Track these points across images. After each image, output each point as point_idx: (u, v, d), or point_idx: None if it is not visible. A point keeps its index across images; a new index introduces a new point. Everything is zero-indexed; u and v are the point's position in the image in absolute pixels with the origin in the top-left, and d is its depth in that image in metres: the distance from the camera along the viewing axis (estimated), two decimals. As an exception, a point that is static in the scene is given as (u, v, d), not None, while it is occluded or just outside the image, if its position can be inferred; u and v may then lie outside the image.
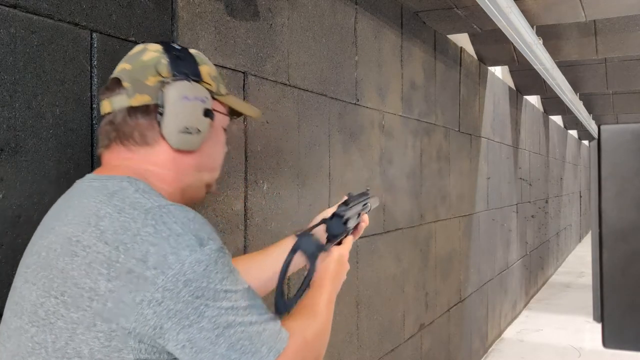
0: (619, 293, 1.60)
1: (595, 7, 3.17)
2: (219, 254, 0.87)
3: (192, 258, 0.83)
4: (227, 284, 0.86)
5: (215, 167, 1.07)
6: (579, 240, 12.06)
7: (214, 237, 0.88)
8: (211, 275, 0.85)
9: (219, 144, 1.06)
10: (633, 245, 1.59)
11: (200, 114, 0.99)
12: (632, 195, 1.59)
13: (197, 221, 0.88)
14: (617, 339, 1.66)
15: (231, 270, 0.89)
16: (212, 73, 1.04)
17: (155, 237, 0.83)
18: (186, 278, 0.82)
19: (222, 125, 1.07)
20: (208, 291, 0.84)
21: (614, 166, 1.59)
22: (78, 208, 0.90)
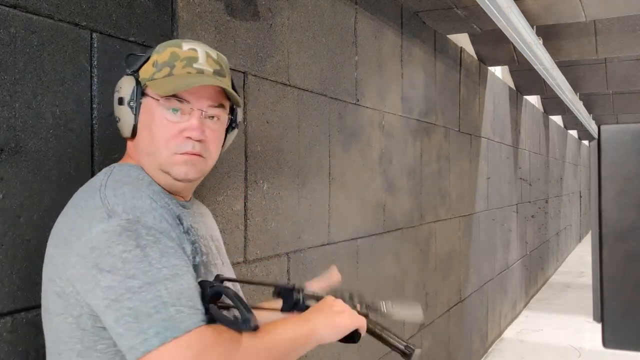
0: (619, 293, 1.60)
1: (595, 7, 3.17)
2: (126, 226, 0.89)
3: (99, 227, 0.90)
4: (128, 257, 0.87)
5: (155, 151, 1.04)
6: (579, 240, 12.06)
7: (132, 212, 0.92)
8: (112, 245, 0.88)
9: (155, 126, 1.04)
10: (633, 245, 1.59)
11: (116, 103, 1.07)
12: (632, 195, 1.59)
13: (121, 197, 0.95)
14: (617, 339, 1.66)
15: (139, 245, 0.88)
16: (159, 59, 1.06)
17: (84, 210, 0.94)
18: (92, 245, 0.89)
19: (160, 108, 1.03)
20: (107, 260, 0.87)
21: (614, 166, 1.59)
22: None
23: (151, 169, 1.06)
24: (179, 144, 1.03)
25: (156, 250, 0.89)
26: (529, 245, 6.63)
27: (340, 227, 2.42)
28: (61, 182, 1.22)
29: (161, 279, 0.87)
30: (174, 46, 1.08)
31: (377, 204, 2.78)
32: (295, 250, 2.10)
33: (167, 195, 1.05)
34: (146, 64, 1.07)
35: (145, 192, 0.99)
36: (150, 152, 1.05)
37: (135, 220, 0.91)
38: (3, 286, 1.11)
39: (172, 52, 1.06)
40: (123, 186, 0.97)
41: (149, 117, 1.05)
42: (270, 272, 1.96)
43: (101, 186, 0.97)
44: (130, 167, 1.05)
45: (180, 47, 1.07)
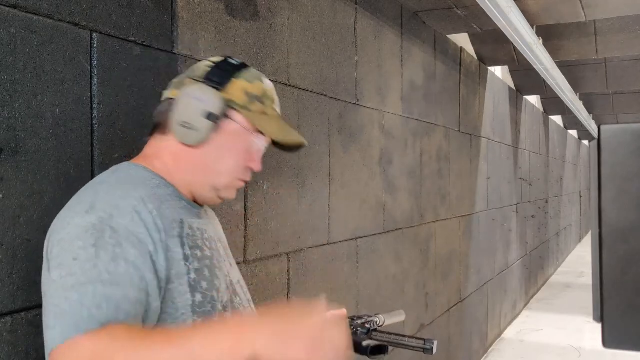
0: (619, 293, 1.60)
1: (595, 7, 3.17)
2: (95, 224, 0.90)
3: (74, 221, 0.92)
4: (81, 254, 0.87)
5: (221, 172, 1.08)
6: (579, 240, 12.06)
7: (109, 211, 0.92)
8: (74, 241, 0.89)
9: (229, 151, 1.08)
10: (633, 245, 1.58)
11: (199, 114, 1.04)
12: (632, 195, 1.59)
13: (111, 195, 0.95)
14: (617, 339, 1.66)
15: (96, 245, 0.88)
16: (251, 90, 1.08)
17: (72, 203, 0.97)
18: (60, 237, 0.91)
19: (244, 139, 1.08)
20: (64, 255, 0.89)
21: (614, 166, 1.58)
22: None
23: (202, 182, 1.08)
24: (244, 173, 1.11)
25: (109, 254, 0.88)
26: (529, 245, 6.63)
27: (340, 227, 2.42)
28: (61, 182, 1.22)
29: (94, 280, 0.85)
30: (259, 79, 1.11)
31: (377, 204, 2.78)
32: (295, 250, 2.10)
33: (181, 199, 1.06)
34: (234, 86, 1.07)
35: (140, 193, 0.98)
36: (212, 170, 1.08)
37: (107, 218, 0.91)
38: (3, 286, 1.11)
39: (261, 87, 1.10)
40: (122, 185, 0.98)
41: (229, 140, 1.07)
42: (270, 272, 1.96)
43: (100, 183, 0.99)
44: (138, 168, 1.05)
45: (262, 81, 1.11)
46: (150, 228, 0.95)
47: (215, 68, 1.08)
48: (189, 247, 1.00)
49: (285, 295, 2.04)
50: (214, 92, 1.06)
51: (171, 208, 1.02)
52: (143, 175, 1.04)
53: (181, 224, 1.01)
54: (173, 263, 0.96)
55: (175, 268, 0.96)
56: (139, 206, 0.96)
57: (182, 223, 1.02)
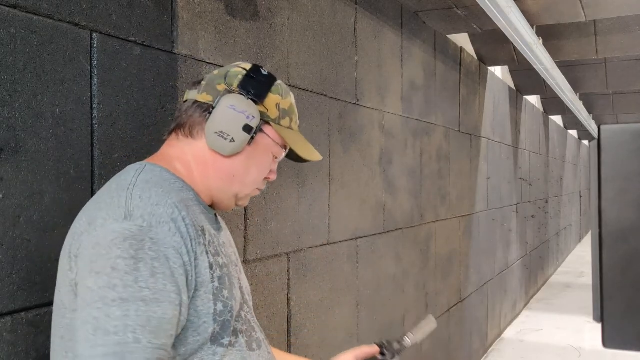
0: (619, 293, 1.60)
1: (595, 7, 3.17)
2: (135, 233, 0.87)
3: (110, 226, 0.89)
4: (120, 264, 0.85)
5: (246, 182, 1.11)
6: (579, 240, 12.05)
7: (147, 220, 0.90)
8: (112, 248, 0.87)
9: (257, 164, 1.11)
10: (633, 245, 1.58)
11: (238, 126, 1.06)
12: (632, 195, 1.59)
13: (146, 200, 0.92)
14: (617, 339, 1.66)
15: (136, 256, 0.86)
16: (282, 105, 1.11)
17: (107, 206, 0.93)
18: (97, 241, 0.88)
19: (271, 152, 1.12)
20: (101, 261, 0.86)
21: (614, 166, 1.58)
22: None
23: (224, 189, 1.09)
24: (262, 184, 1.15)
25: (149, 268, 0.87)
26: (529, 245, 6.63)
27: (340, 227, 2.42)
28: (61, 182, 1.22)
29: (137, 298, 0.85)
30: (289, 93, 1.14)
31: (377, 204, 2.78)
32: (295, 250, 2.10)
33: (200, 204, 1.06)
34: (269, 100, 1.10)
35: (173, 199, 0.96)
36: (239, 180, 1.09)
37: (147, 229, 0.89)
38: (3, 286, 1.11)
39: (290, 102, 1.14)
40: (152, 188, 0.96)
41: (258, 152, 1.10)
42: (270, 272, 1.96)
43: (130, 185, 0.96)
44: (162, 170, 1.03)
45: (290, 96, 1.15)
46: (185, 237, 0.94)
47: (250, 78, 1.09)
48: (212, 255, 1.00)
49: (286, 295, 2.04)
50: (253, 106, 1.07)
51: (195, 213, 1.01)
52: (167, 178, 1.02)
53: (203, 231, 1.00)
54: (200, 271, 0.96)
55: (202, 276, 0.96)
56: (174, 213, 0.94)
57: (204, 230, 1.01)
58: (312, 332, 2.20)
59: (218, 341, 0.98)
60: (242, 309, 1.07)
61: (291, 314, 2.07)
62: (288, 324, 2.06)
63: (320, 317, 2.26)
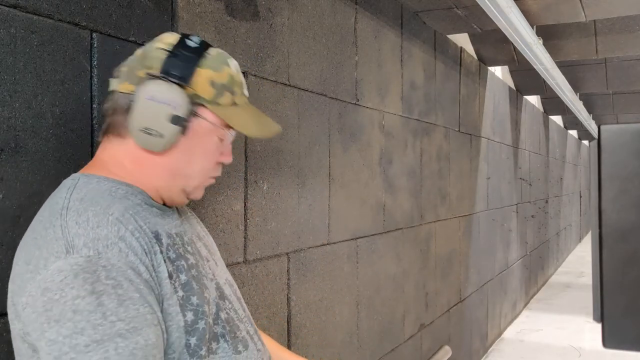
0: (619, 293, 1.60)
1: (595, 7, 3.17)
2: (84, 266, 0.77)
3: (55, 265, 0.78)
4: (80, 304, 0.75)
5: (192, 175, 0.98)
6: (579, 240, 12.05)
7: (93, 246, 0.79)
8: (65, 289, 0.76)
9: (200, 152, 0.97)
10: (633, 245, 1.59)
11: (164, 119, 0.92)
12: (632, 195, 1.59)
13: (84, 225, 0.81)
14: (617, 339, 1.66)
15: (94, 291, 0.76)
16: (218, 79, 0.95)
17: (43, 241, 0.81)
18: (45, 286, 0.77)
19: (215, 135, 0.98)
20: (57, 307, 0.75)
21: (614, 166, 1.59)
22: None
23: (170, 186, 0.97)
24: (215, 170, 1.01)
25: (114, 298, 0.77)
26: (529, 245, 6.63)
27: (340, 227, 2.42)
28: (61, 182, 1.22)
29: (113, 335, 0.75)
30: (224, 63, 0.98)
31: (377, 204, 2.78)
32: (295, 250, 2.10)
33: (152, 206, 0.95)
34: (199, 78, 0.94)
35: (115, 214, 0.86)
36: (182, 175, 0.97)
37: (96, 257, 0.78)
38: (3, 286, 1.11)
39: (228, 73, 0.97)
40: (87, 209, 0.84)
41: (197, 140, 0.96)
42: (270, 272, 1.96)
43: (62, 209, 0.84)
44: (99, 180, 0.92)
45: (228, 65, 0.98)
46: (139, 253, 0.85)
47: (174, 57, 0.93)
48: (170, 262, 0.90)
49: (285, 295, 2.04)
50: (178, 91, 0.92)
51: (144, 219, 0.91)
52: (106, 188, 0.91)
53: (158, 237, 0.91)
54: (161, 283, 0.87)
55: (164, 288, 0.87)
56: (120, 230, 0.84)
57: (159, 235, 0.91)
58: (312, 332, 2.20)
59: (197, 353, 0.90)
60: (221, 309, 0.98)
61: (291, 314, 2.07)
62: (288, 324, 2.06)
63: (320, 317, 2.26)
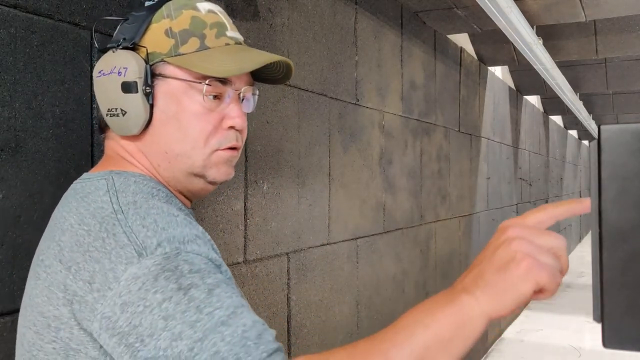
0: (619, 293, 1.60)
1: (595, 7, 3.17)
2: (164, 265, 0.66)
3: (127, 274, 0.66)
4: (169, 308, 0.63)
5: (187, 152, 0.82)
6: (579, 240, 12.05)
7: (169, 244, 0.68)
8: (147, 296, 0.64)
9: (185, 120, 0.81)
10: (633, 245, 1.59)
11: (116, 91, 0.80)
12: (632, 195, 1.59)
13: (152, 226, 0.70)
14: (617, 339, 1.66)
15: (181, 287, 0.65)
16: (176, 27, 0.81)
17: (101, 252, 0.68)
18: (122, 301, 0.65)
19: (194, 91, 0.81)
20: (145, 320, 0.64)
21: (614, 166, 1.58)
22: (53, 219, 0.80)
23: (176, 174, 0.83)
24: (220, 138, 0.82)
25: (203, 289, 0.65)
26: (529, 245, 6.62)
27: (340, 227, 2.42)
28: (61, 182, 1.22)
29: (214, 326, 0.63)
30: (185, 6, 0.83)
31: (377, 204, 2.78)
32: (295, 250, 2.10)
33: (185, 210, 0.84)
34: (151, 34, 0.81)
35: (180, 216, 0.73)
36: (181, 151, 0.82)
37: (174, 253, 0.67)
38: (3, 286, 1.11)
39: (193, 16, 0.82)
40: (149, 212, 0.72)
41: (174, 105, 0.81)
42: (270, 272, 1.96)
43: (117, 214, 0.72)
44: (136, 180, 0.79)
45: (196, 9, 0.84)
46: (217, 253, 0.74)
47: (125, 22, 0.82)
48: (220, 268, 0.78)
49: (285, 295, 2.04)
50: (125, 55, 0.80)
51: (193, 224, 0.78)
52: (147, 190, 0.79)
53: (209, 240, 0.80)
54: None
55: None
56: (193, 230, 0.73)
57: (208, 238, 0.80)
58: (312, 332, 2.20)
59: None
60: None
61: (291, 314, 2.07)
62: (288, 323, 2.06)
63: (320, 317, 2.26)
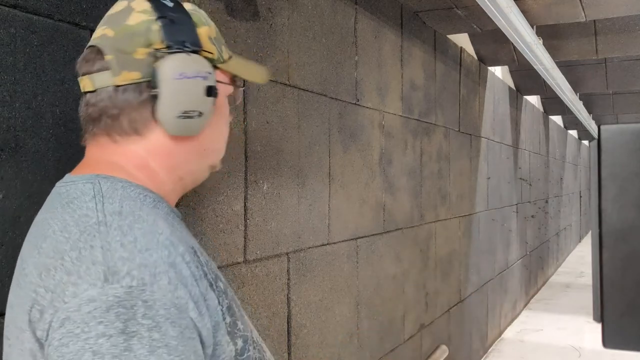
0: (619, 293, 1.60)
1: (595, 7, 3.17)
2: (122, 299, 0.63)
3: (85, 294, 0.64)
4: (104, 346, 0.61)
5: (220, 148, 0.90)
6: (579, 240, 12.05)
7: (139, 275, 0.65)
8: (90, 322, 0.62)
9: (222, 121, 0.89)
10: (633, 245, 1.59)
11: (202, 94, 0.81)
12: (632, 195, 1.59)
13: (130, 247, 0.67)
14: (617, 339, 1.66)
15: (125, 331, 0.62)
16: (212, 35, 0.86)
17: (74, 265, 0.66)
18: (65, 316, 0.63)
19: (227, 96, 0.89)
20: (74, 343, 0.61)
21: (614, 166, 1.59)
22: (36, 225, 0.77)
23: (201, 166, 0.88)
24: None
25: (145, 344, 0.63)
26: (529, 245, 6.63)
27: (340, 227, 2.42)
28: (61, 182, 1.22)
29: None
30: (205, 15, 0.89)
31: (377, 204, 2.78)
32: (295, 250, 2.10)
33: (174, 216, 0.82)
34: (203, 39, 0.84)
35: (164, 234, 0.72)
36: (214, 149, 0.88)
37: (138, 289, 0.65)
38: (3, 286, 1.11)
39: (213, 24, 0.88)
40: (133, 226, 0.70)
41: (222, 108, 0.88)
42: (270, 272, 1.96)
43: (99, 225, 0.69)
44: (124, 185, 0.77)
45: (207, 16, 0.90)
46: (188, 283, 0.70)
47: (170, 24, 0.80)
48: (215, 285, 0.77)
49: (285, 295, 2.04)
50: (200, 59, 0.82)
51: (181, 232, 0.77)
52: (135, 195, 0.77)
53: (196, 254, 0.76)
54: (212, 314, 0.73)
55: (216, 317, 0.74)
56: (172, 255, 0.70)
57: (196, 252, 0.77)
58: (312, 332, 2.20)
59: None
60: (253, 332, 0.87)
61: (291, 314, 2.07)
62: (288, 324, 2.06)
63: (320, 317, 2.26)
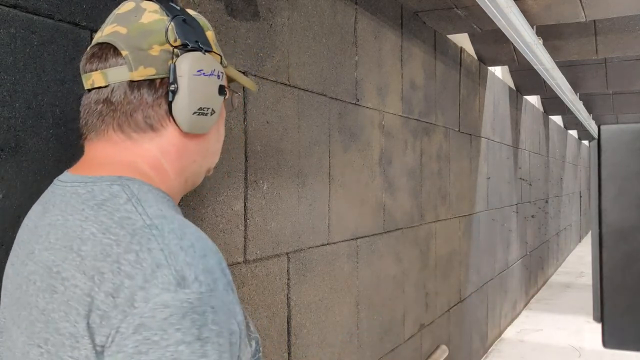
0: (619, 293, 1.60)
1: (595, 7, 3.17)
2: (195, 306, 0.64)
3: (159, 299, 0.63)
4: (185, 352, 0.62)
5: (219, 150, 0.91)
6: (579, 240, 12.05)
7: (205, 281, 0.66)
8: (169, 329, 0.62)
9: (221, 124, 0.91)
10: (633, 245, 1.59)
11: (216, 92, 0.83)
12: (632, 195, 1.60)
13: (190, 251, 0.67)
14: (617, 339, 1.66)
15: (200, 337, 0.63)
16: (215, 40, 0.88)
17: (134, 268, 0.65)
18: (140, 322, 0.63)
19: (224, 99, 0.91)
20: (154, 351, 0.62)
21: (614, 166, 1.59)
22: (62, 228, 0.73)
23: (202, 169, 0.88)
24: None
25: (216, 349, 0.64)
26: (529, 245, 6.63)
27: (340, 227, 2.42)
28: (61, 182, 1.22)
29: None
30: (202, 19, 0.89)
31: (377, 204, 2.78)
32: (295, 250, 2.10)
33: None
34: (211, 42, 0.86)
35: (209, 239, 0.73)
36: (214, 151, 0.90)
37: (207, 295, 0.65)
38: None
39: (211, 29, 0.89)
40: (184, 230, 0.69)
41: (224, 108, 0.91)
42: (270, 272, 1.96)
43: (151, 228, 0.68)
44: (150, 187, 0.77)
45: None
46: (233, 288, 0.71)
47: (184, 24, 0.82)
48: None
49: (285, 295, 2.04)
50: (213, 59, 0.84)
51: None
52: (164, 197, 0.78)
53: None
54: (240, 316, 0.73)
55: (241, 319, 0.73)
56: (221, 260, 0.71)
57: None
58: (312, 332, 2.20)
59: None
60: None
61: (291, 314, 2.07)
62: (288, 324, 2.06)
63: (320, 317, 2.26)
